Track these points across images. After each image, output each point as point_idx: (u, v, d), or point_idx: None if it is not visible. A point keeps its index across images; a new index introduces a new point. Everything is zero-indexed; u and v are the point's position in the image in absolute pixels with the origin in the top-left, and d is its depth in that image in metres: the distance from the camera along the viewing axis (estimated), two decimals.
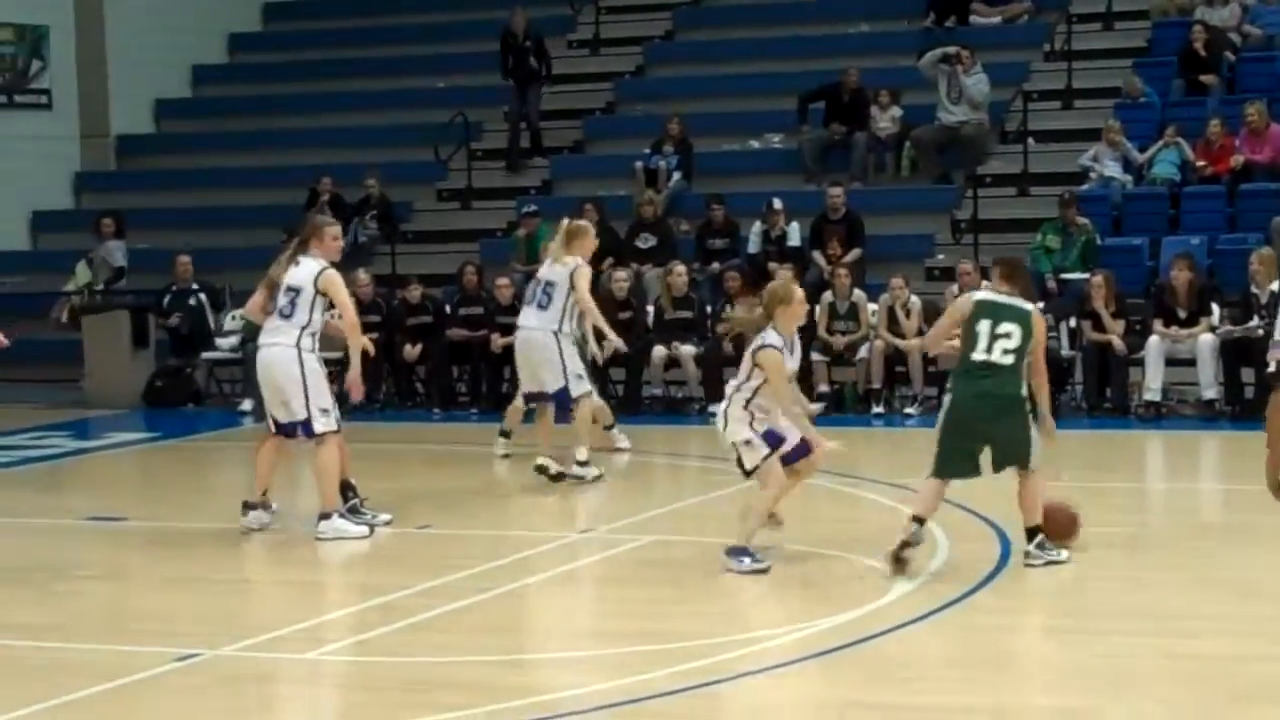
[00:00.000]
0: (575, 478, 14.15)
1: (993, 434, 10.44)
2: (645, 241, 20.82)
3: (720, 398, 18.03)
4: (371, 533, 12.11)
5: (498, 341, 18.29)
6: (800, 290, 10.97)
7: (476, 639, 9.44)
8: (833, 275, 18.82)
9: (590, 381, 14.49)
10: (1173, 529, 12.41)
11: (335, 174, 23.05)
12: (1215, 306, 17.58)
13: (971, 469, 10.56)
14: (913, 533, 10.34)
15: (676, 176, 22.24)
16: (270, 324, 12.03)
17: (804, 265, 19.54)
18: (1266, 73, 21.89)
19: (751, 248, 20.47)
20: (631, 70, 25.72)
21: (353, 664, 9.07)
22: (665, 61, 25.84)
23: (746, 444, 10.66)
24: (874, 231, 20.36)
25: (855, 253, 19.92)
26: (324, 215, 12.47)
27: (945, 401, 10.72)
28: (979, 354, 10.43)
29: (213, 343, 20.75)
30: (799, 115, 22.77)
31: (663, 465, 16.20)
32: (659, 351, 18.66)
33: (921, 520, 10.41)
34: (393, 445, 16.94)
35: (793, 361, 10.82)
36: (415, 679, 8.60)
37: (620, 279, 19.10)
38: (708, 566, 10.74)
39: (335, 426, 11.99)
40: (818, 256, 19.99)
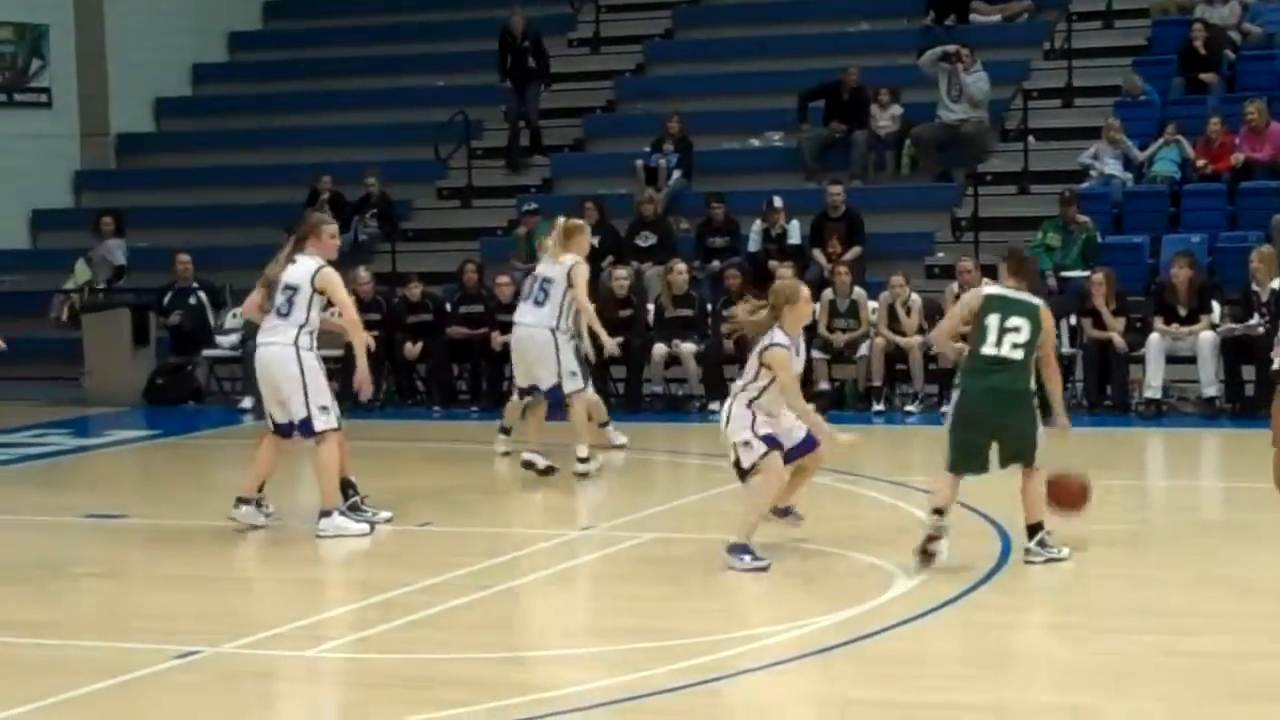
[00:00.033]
0: (579, 474, 14.18)
1: (1002, 428, 10.46)
2: (645, 240, 20.82)
3: (721, 395, 18.26)
4: (372, 530, 12.11)
5: (498, 339, 18.28)
6: (806, 290, 10.98)
7: (477, 636, 9.44)
8: (833, 273, 18.82)
9: (584, 378, 14.50)
10: (1173, 526, 12.41)
11: (335, 172, 23.06)
12: (1216, 304, 17.59)
13: (982, 465, 10.58)
14: (937, 526, 10.36)
15: (677, 175, 22.23)
16: (268, 323, 12.03)
17: (804, 263, 19.54)
18: (1266, 71, 21.88)
19: (752, 246, 20.47)
20: (632, 69, 25.72)
21: (353, 661, 9.07)
22: (665, 60, 25.83)
23: (745, 444, 10.66)
24: (874, 229, 20.35)
25: (855, 251, 19.93)
26: (321, 213, 12.45)
27: (954, 396, 10.73)
28: (989, 348, 10.44)
29: (213, 340, 20.75)
30: (799, 113, 22.76)
31: (663, 463, 16.21)
32: (659, 349, 18.67)
33: (941, 511, 10.43)
34: (393, 443, 16.95)
35: (798, 362, 10.82)
36: (416, 676, 8.60)
37: (621, 277, 19.10)
38: (708, 564, 10.74)
39: (335, 424, 11.99)
40: (818, 254, 19.99)
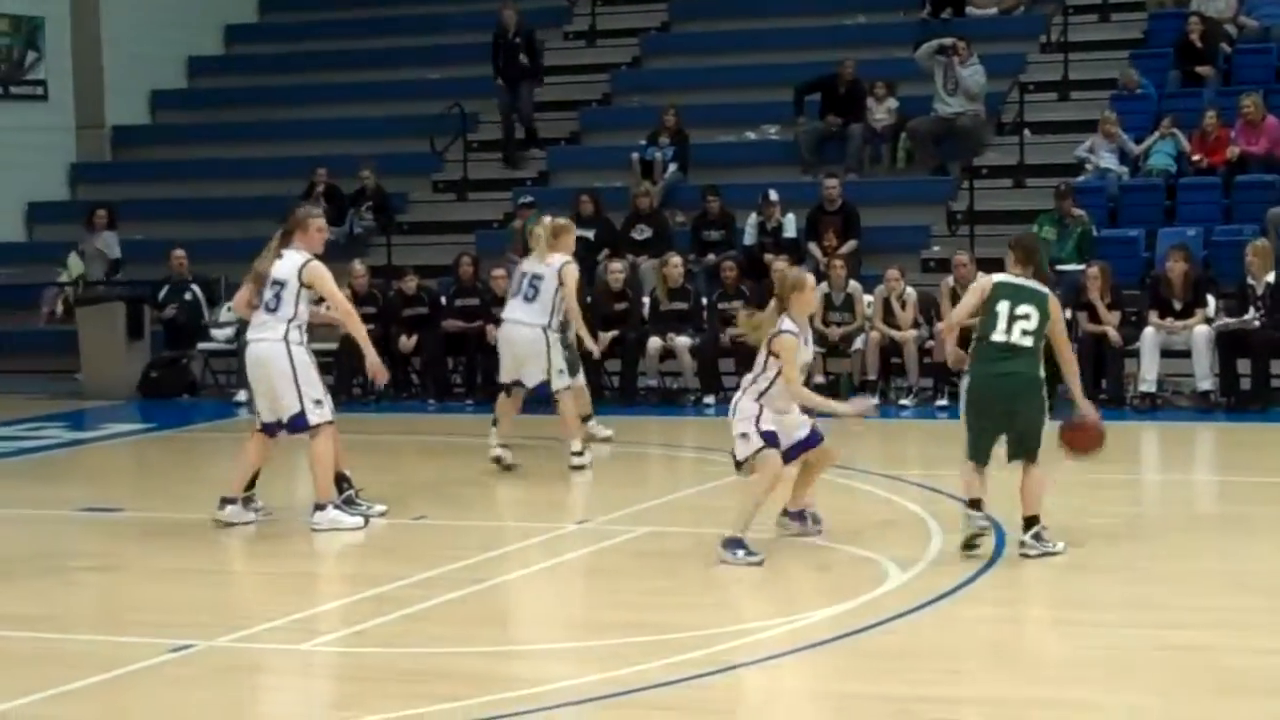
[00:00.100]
0: (574, 468, 14.20)
1: (1011, 415, 10.49)
2: (641, 233, 20.82)
3: (716, 389, 18.33)
4: (366, 524, 12.10)
5: (493, 333, 18.20)
6: (812, 277, 11.03)
7: (471, 630, 9.45)
8: (828, 266, 18.81)
9: (573, 372, 14.51)
10: (1168, 520, 12.42)
11: (331, 165, 23.08)
12: (1211, 298, 17.59)
13: (988, 454, 10.61)
14: (980, 525, 10.45)
15: (672, 168, 22.23)
16: (257, 319, 11.99)
17: (800, 256, 19.54)
18: (1262, 64, 21.89)
19: (747, 239, 20.48)
20: (628, 62, 25.71)
21: (348, 655, 9.06)
22: (661, 53, 25.84)
23: (743, 436, 10.67)
24: (870, 223, 20.36)
25: (851, 244, 19.93)
26: (308, 206, 12.39)
27: (964, 384, 10.76)
28: (999, 335, 10.49)
29: (208, 334, 20.75)
30: (795, 107, 22.76)
31: (658, 456, 16.21)
32: (654, 343, 18.67)
33: (977, 504, 10.48)
34: (388, 436, 16.96)
35: (807, 351, 10.83)
36: (410, 670, 8.60)
37: (616, 270, 19.09)
38: (702, 558, 10.74)
39: (329, 417, 11.98)
40: (813, 248, 20.00)
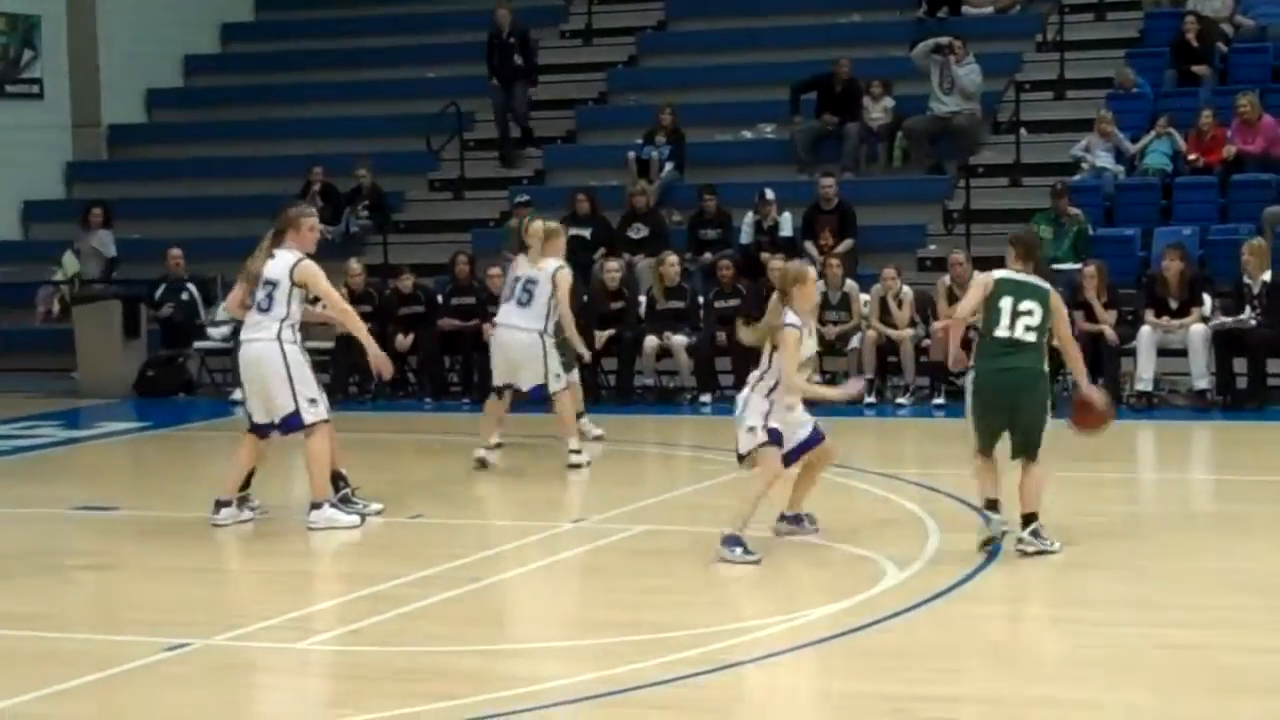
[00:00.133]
0: (571, 466, 14.20)
1: (1015, 410, 10.53)
2: (637, 232, 20.81)
3: (711, 388, 18.33)
4: (363, 522, 12.10)
5: (489, 331, 18.23)
6: (813, 270, 11.07)
7: (468, 628, 9.44)
8: (825, 265, 18.78)
9: (568, 367, 14.51)
10: (1164, 519, 12.41)
11: (327, 164, 23.06)
12: (1207, 297, 17.60)
13: (995, 442, 10.64)
14: (1000, 529, 10.47)
15: (669, 167, 22.22)
16: (250, 319, 11.96)
17: (796, 255, 19.50)
18: (1258, 63, 21.88)
19: (744, 238, 20.47)
20: (624, 60, 25.70)
21: (343, 653, 9.06)
22: (657, 51, 25.83)
23: (749, 430, 10.68)
24: (866, 222, 20.36)
25: (847, 243, 19.93)
26: (299, 206, 12.35)
27: (969, 380, 10.79)
28: (1002, 331, 10.53)
29: (204, 332, 20.74)
30: (791, 105, 22.76)
31: (654, 455, 16.21)
32: (651, 341, 18.66)
33: (994, 505, 10.52)
34: (384, 435, 16.95)
35: (810, 343, 10.85)
36: (406, 668, 8.60)
37: (612, 269, 19.09)
38: (699, 556, 10.74)
39: (325, 415, 11.95)
40: (810, 247, 19.98)
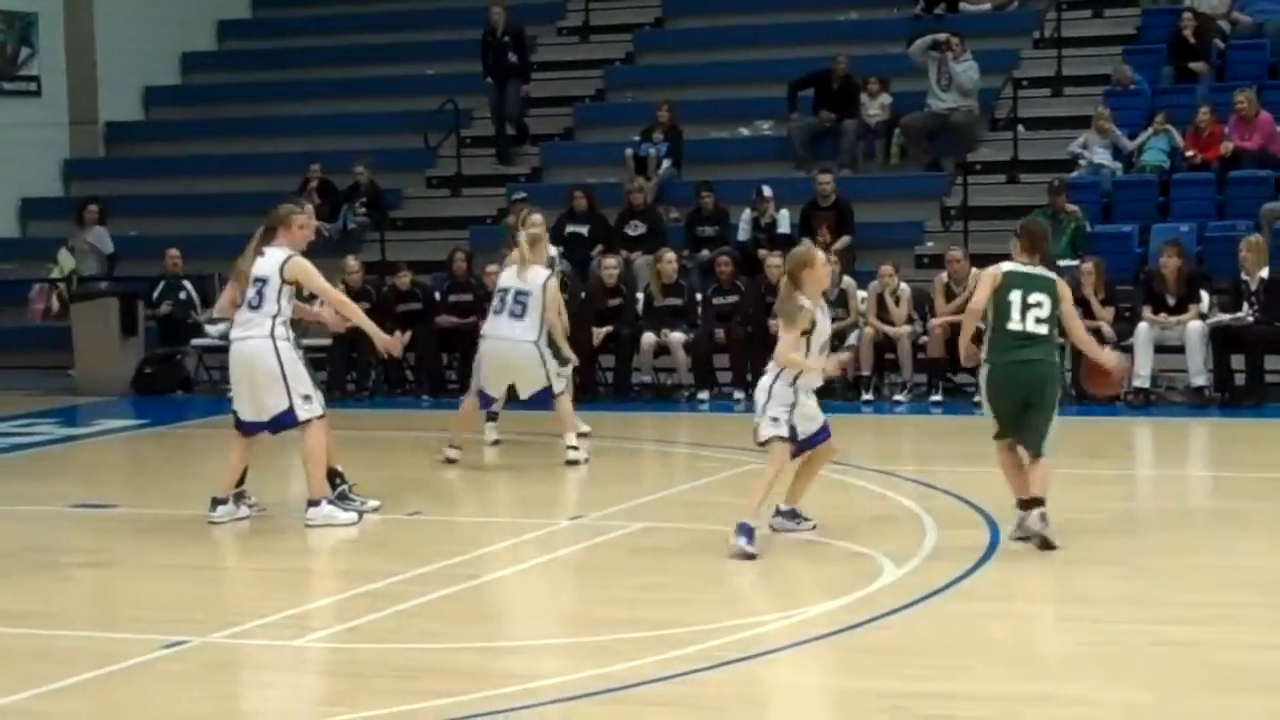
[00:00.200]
0: (570, 462, 14.21)
1: (1027, 406, 10.56)
2: (635, 229, 20.82)
3: (709, 385, 18.32)
4: (360, 519, 12.10)
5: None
6: (820, 252, 11.07)
7: (465, 625, 9.44)
8: None
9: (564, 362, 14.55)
10: (1162, 516, 12.40)
11: (325, 161, 23.07)
12: (1204, 294, 17.60)
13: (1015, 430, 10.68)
14: (1038, 523, 10.49)
15: (666, 164, 22.23)
16: (241, 316, 11.91)
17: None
18: (1256, 60, 21.90)
19: (741, 235, 20.47)
20: (621, 57, 25.70)
21: (341, 651, 9.05)
22: (655, 48, 25.83)
23: (773, 420, 10.67)
24: (863, 219, 20.36)
25: (845, 240, 19.93)
26: (290, 203, 12.32)
27: (983, 374, 10.80)
28: (1014, 324, 10.57)
29: (202, 330, 20.73)
30: (789, 102, 22.76)
31: (652, 452, 16.21)
32: (648, 339, 18.65)
33: (1027, 503, 10.55)
34: (382, 432, 16.95)
35: (825, 322, 10.86)
36: (403, 665, 8.60)
37: (610, 266, 19.09)
38: (697, 554, 10.75)
39: (320, 412, 11.93)
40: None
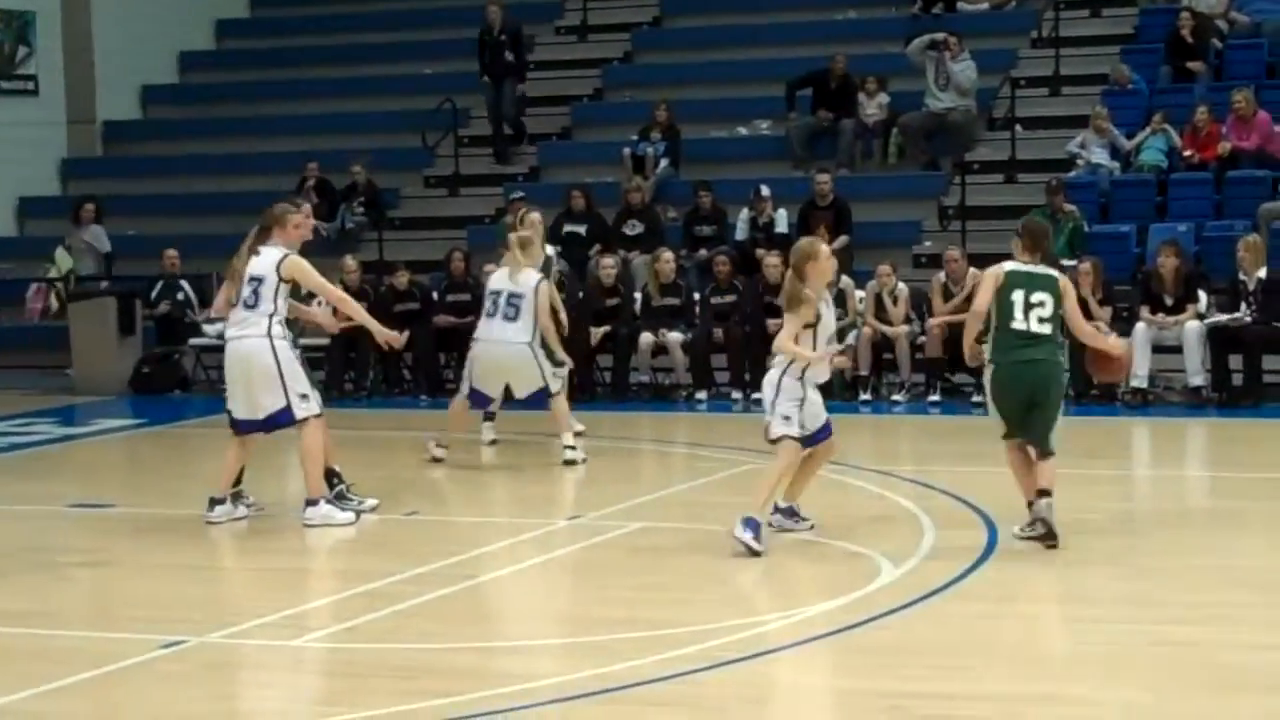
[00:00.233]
0: (567, 462, 14.21)
1: (1031, 405, 10.58)
2: (633, 228, 20.82)
3: (707, 385, 18.32)
4: (358, 519, 12.09)
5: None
6: (824, 244, 11.06)
7: (463, 626, 9.44)
8: None
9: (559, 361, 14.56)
10: (1160, 516, 12.40)
11: (322, 160, 23.07)
12: (1202, 294, 17.60)
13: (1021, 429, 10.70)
14: (1045, 510, 10.50)
15: (664, 163, 22.22)
16: (236, 316, 11.88)
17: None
18: (1254, 59, 21.90)
19: (739, 234, 20.47)
20: (619, 56, 25.69)
21: (339, 650, 9.05)
22: (653, 48, 25.82)
23: (785, 419, 10.66)
24: (861, 218, 20.35)
25: (843, 239, 19.90)
26: (285, 203, 12.31)
27: (988, 374, 10.81)
28: (1018, 323, 10.59)
29: (200, 329, 20.72)
30: (787, 102, 22.76)
31: (650, 452, 16.20)
32: (646, 338, 18.65)
33: (1035, 498, 10.56)
34: (380, 432, 16.94)
35: (830, 315, 10.86)
36: (401, 666, 8.59)
37: (608, 265, 19.08)
38: (695, 553, 10.75)
39: (317, 410, 11.91)
40: None
